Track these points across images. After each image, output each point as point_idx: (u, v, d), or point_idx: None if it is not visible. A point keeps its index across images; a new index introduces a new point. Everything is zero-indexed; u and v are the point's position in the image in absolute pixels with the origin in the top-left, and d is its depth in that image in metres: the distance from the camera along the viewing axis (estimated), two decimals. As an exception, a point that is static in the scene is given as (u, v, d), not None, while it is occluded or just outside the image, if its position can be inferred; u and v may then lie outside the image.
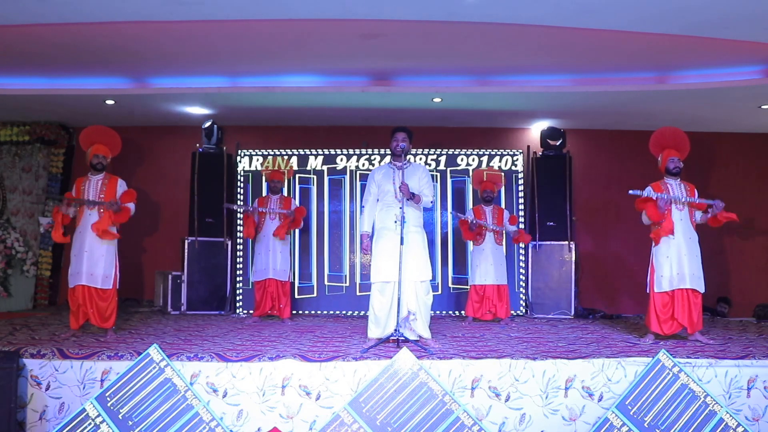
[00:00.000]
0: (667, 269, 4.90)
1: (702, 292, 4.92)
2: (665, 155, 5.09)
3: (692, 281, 4.86)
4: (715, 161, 8.03)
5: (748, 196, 7.97)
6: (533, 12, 4.73)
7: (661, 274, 4.92)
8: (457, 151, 7.37)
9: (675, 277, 4.88)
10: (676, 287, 4.87)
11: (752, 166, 8.04)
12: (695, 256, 4.93)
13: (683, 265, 4.87)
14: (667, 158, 5.06)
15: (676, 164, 5.04)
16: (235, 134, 7.66)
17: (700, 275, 4.92)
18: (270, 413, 3.85)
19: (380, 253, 4.73)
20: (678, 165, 5.05)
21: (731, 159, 8.03)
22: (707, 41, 5.17)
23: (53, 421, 3.84)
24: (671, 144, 5.12)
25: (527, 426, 3.90)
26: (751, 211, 7.95)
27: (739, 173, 8.02)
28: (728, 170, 8.03)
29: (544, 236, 7.24)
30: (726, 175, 8.01)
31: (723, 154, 8.02)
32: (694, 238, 4.97)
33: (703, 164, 7.96)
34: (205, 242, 7.15)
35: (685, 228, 4.94)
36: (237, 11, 4.75)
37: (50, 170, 7.86)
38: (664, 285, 4.90)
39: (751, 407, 3.98)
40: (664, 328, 4.91)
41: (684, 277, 4.86)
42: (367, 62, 6.03)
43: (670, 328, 4.90)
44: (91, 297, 4.91)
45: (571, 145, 7.70)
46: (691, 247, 4.93)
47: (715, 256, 7.77)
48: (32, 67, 6.06)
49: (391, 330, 4.57)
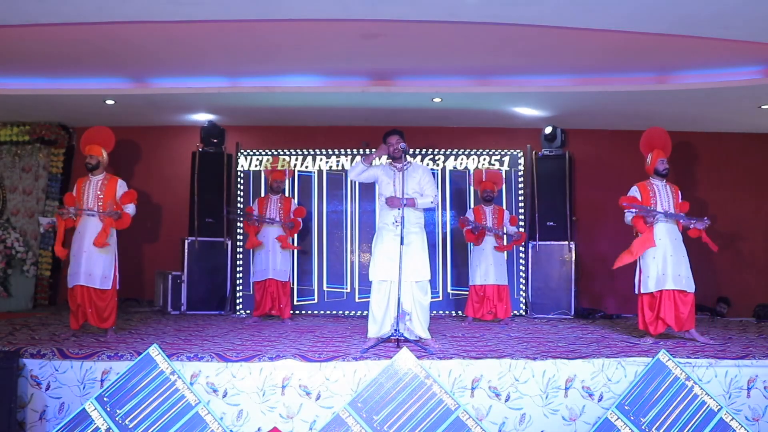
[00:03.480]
0: (653, 270, 4.95)
1: (690, 291, 4.93)
2: (655, 156, 5.14)
3: (676, 282, 4.90)
4: (715, 161, 8.02)
5: (748, 196, 7.97)
6: (533, 12, 4.73)
7: (647, 275, 4.98)
8: (457, 151, 7.37)
9: (661, 278, 4.93)
10: (661, 288, 4.91)
11: (752, 166, 8.02)
12: (681, 256, 4.97)
13: (667, 266, 4.91)
14: (657, 159, 5.12)
15: (665, 166, 5.12)
16: (235, 134, 7.66)
17: (687, 275, 4.95)
18: (270, 413, 3.85)
19: (379, 253, 4.74)
20: (667, 167, 5.14)
21: (731, 159, 8.02)
22: (707, 41, 5.16)
23: (53, 421, 3.84)
24: (660, 145, 5.18)
25: (527, 426, 3.89)
26: (751, 211, 7.95)
27: (739, 173, 8.01)
28: (728, 170, 8.01)
29: (544, 236, 7.24)
30: (726, 175, 8.00)
31: (723, 154, 8.01)
32: (680, 239, 5.03)
33: (702, 164, 7.96)
34: (205, 242, 7.15)
35: (669, 229, 5.00)
36: (237, 11, 4.74)
37: (50, 170, 7.85)
38: (650, 286, 4.96)
39: (751, 407, 3.98)
40: (650, 328, 4.96)
41: (667, 278, 4.90)
42: (367, 62, 6.02)
43: (656, 329, 4.94)
44: (90, 297, 4.90)
45: (571, 145, 7.70)
46: (677, 248, 4.98)
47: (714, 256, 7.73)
48: (32, 67, 6.06)
49: (388, 329, 4.59)
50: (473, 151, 7.37)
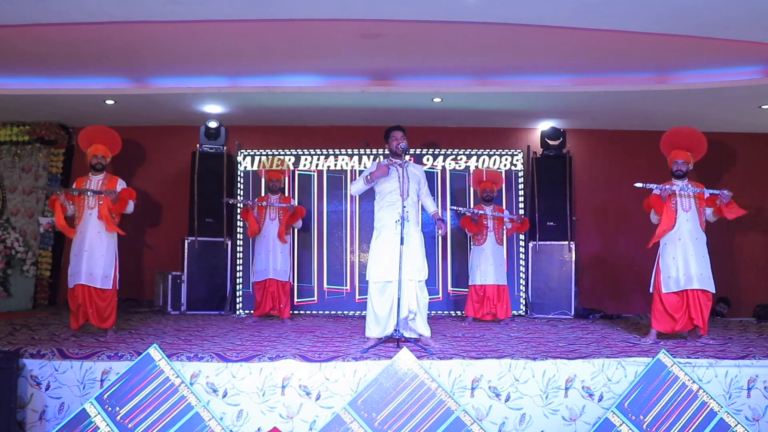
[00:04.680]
0: (674, 270, 4.88)
1: (712, 292, 4.88)
2: (672, 156, 5.06)
3: (701, 282, 4.83)
4: (715, 161, 8.01)
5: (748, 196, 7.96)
6: (533, 12, 4.73)
7: (668, 275, 4.90)
8: (457, 151, 7.36)
9: (682, 278, 4.85)
10: (684, 288, 4.84)
11: (752, 166, 8.03)
12: (702, 256, 4.89)
13: (690, 266, 4.84)
14: (672, 160, 5.04)
15: (678, 167, 5.01)
16: (235, 134, 7.66)
17: (708, 276, 4.87)
18: (270, 413, 3.85)
19: (381, 253, 4.69)
20: (680, 168, 5.01)
21: (731, 159, 8.02)
22: (707, 41, 5.17)
23: (53, 421, 3.84)
24: (682, 145, 5.06)
25: (527, 426, 3.89)
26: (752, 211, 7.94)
27: (739, 173, 8.01)
28: (728, 170, 8.02)
29: (544, 236, 7.24)
30: (726, 175, 7.99)
31: (723, 154, 8.01)
32: (702, 239, 4.93)
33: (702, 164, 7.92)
34: (205, 242, 7.15)
35: (692, 228, 4.91)
36: (237, 11, 4.75)
37: (50, 170, 7.86)
38: (671, 286, 4.88)
39: (751, 407, 3.98)
40: (670, 326, 4.88)
41: (691, 278, 4.83)
42: (367, 62, 6.03)
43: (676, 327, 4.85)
44: (91, 297, 4.91)
45: (571, 145, 7.70)
46: (698, 248, 4.89)
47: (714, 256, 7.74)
48: (32, 67, 6.06)
49: (391, 330, 4.57)
50: (473, 151, 7.37)
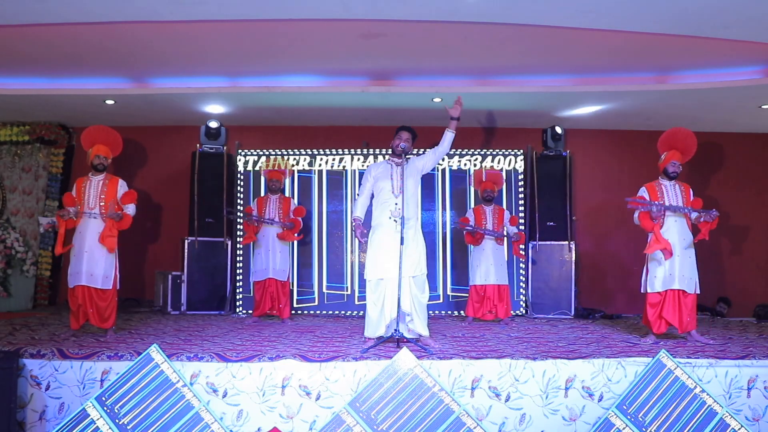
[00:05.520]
0: (660, 270, 4.94)
1: (693, 293, 4.93)
2: (668, 156, 5.08)
3: (681, 282, 4.90)
4: (715, 161, 8.02)
5: (748, 196, 7.97)
6: (533, 12, 4.73)
7: (654, 274, 4.97)
8: (457, 151, 7.36)
9: (667, 278, 4.93)
10: (667, 287, 4.91)
11: (752, 166, 8.03)
12: (688, 257, 4.95)
13: (674, 266, 4.90)
14: (669, 161, 5.06)
15: (675, 168, 5.06)
16: (235, 134, 7.66)
17: (692, 276, 4.94)
18: (270, 413, 3.85)
19: (375, 250, 4.67)
20: (677, 170, 5.07)
21: (731, 159, 8.03)
22: (707, 41, 5.17)
23: (53, 421, 3.84)
24: (679, 147, 5.10)
25: (527, 426, 3.89)
26: (751, 211, 7.95)
27: (739, 173, 8.02)
28: (728, 170, 8.03)
29: (544, 236, 7.24)
30: (726, 175, 8.01)
31: (723, 154, 8.02)
32: (689, 239, 4.99)
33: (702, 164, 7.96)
34: (205, 242, 7.15)
35: (680, 229, 4.97)
36: (237, 11, 4.75)
37: (50, 170, 7.86)
38: (657, 285, 4.95)
39: (751, 407, 3.98)
40: (653, 327, 4.96)
41: (674, 278, 4.90)
42: (367, 62, 6.03)
43: (659, 328, 4.95)
44: (91, 297, 4.91)
45: (571, 145, 7.70)
46: (686, 248, 4.95)
47: (714, 256, 7.77)
48: (32, 67, 6.06)
49: (383, 329, 4.57)
50: (473, 151, 7.37)
